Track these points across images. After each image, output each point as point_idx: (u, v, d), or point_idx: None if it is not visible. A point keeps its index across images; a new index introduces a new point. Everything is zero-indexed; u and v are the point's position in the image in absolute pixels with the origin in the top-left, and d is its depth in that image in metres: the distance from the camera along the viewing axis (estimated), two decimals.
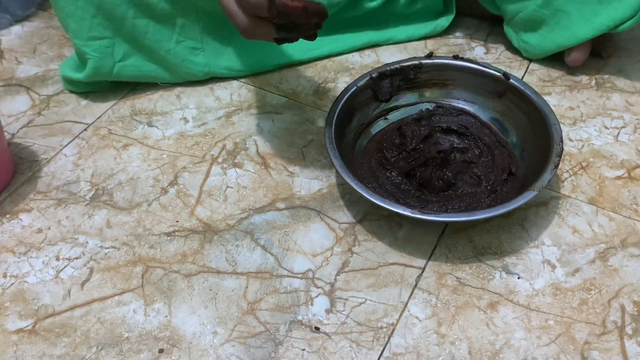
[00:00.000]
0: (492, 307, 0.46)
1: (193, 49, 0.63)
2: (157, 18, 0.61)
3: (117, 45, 0.61)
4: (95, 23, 0.59)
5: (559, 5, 0.61)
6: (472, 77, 0.58)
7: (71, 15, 0.59)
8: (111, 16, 0.59)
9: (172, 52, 0.62)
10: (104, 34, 0.60)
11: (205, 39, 0.64)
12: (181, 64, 0.63)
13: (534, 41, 0.64)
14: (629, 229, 0.50)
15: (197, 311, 0.46)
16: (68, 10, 0.59)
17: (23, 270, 0.49)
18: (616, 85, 0.64)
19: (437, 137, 0.57)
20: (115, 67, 0.61)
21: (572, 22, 0.61)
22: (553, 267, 0.48)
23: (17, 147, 0.60)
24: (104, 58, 0.61)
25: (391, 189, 0.53)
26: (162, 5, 0.59)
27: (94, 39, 0.60)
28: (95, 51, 0.60)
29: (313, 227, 0.52)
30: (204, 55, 0.64)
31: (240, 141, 0.60)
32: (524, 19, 0.64)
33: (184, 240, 0.51)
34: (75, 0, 0.58)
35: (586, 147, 0.58)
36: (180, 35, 0.62)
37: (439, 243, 0.50)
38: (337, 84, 0.66)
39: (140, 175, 0.57)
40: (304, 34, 0.44)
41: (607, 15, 0.58)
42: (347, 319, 0.45)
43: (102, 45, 0.60)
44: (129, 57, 0.62)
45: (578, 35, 0.61)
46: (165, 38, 0.62)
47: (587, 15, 0.59)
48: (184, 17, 0.62)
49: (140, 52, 0.62)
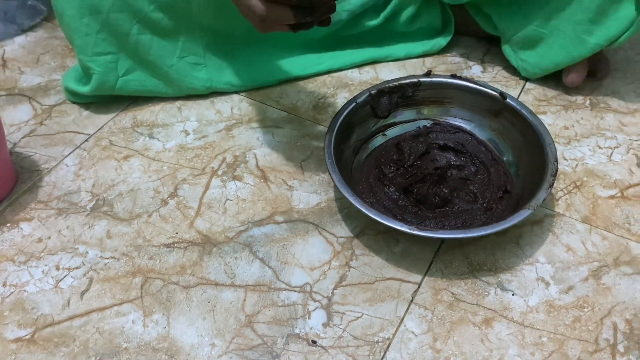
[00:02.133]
0: (487, 323, 0.46)
1: (195, 64, 0.64)
2: (160, 34, 0.62)
3: (121, 61, 0.62)
4: (100, 39, 0.60)
5: (556, 24, 0.62)
6: (469, 96, 0.59)
7: (76, 32, 0.60)
8: (115, 32, 0.60)
9: (174, 67, 0.63)
10: (108, 49, 0.61)
11: (208, 54, 0.65)
12: (183, 79, 0.64)
13: (532, 59, 0.66)
14: (622, 248, 0.51)
15: (195, 323, 0.47)
16: (73, 26, 0.60)
17: (23, 280, 0.50)
18: (610, 105, 0.65)
19: (434, 154, 0.58)
20: (119, 81, 0.62)
21: (568, 41, 0.62)
22: (547, 284, 0.49)
23: (19, 157, 0.60)
24: (108, 73, 0.62)
25: (389, 205, 0.54)
26: (165, 22, 0.61)
27: (98, 54, 0.61)
28: (100, 66, 0.61)
29: (311, 240, 0.52)
30: (206, 70, 0.65)
31: (240, 154, 0.60)
32: (522, 37, 0.65)
33: (183, 251, 0.52)
34: (80, 17, 0.59)
35: (580, 166, 0.59)
36: (183, 51, 0.64)
37: (435, 259, 0.51)
38: (336, 100, 0.67)
39: (140, 186, 0.57)
40: (320, 17, 0.44)
41: (602, 35, 0.60)
42: (343, 332, 0.46)
43: (106, 60, 0.61)
44: (132, 72, 0.63)
45: (574, 54, 0.62)
46: (168, 54, 0.63)
47: (582, 35, 0.61)
48: (187, 34, 0.63)
49: (143, 68, 0.63)
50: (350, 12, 0.66)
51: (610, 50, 0.71)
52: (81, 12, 0.59)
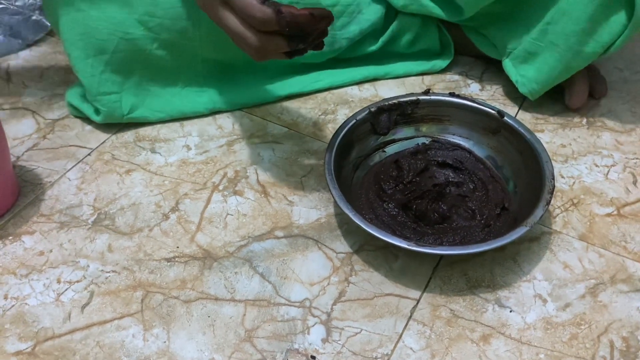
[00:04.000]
0: (485, 339, 0.47)
1: (197, 91, 0.67)
2: (163, 69, 0.64)
3: (124, 99, 0.64)
4: (104, 79, 0.62)
5: (552, 38, 0.62)
6: (467, 114, 0.60)
7: (82, 72, 0.62)
8: (119, 71, 0.62)
9: (177, 96, 0.66)
10: (112, 89, 0.63)
11: (208, 82, 0.67)
12: (187, 104, 0.66)
13: (531, 74, 0.66)
14: (618, 266, 0.52)
15: (195, 337, 0.47)
16: (78, 67, 0.62)
17: (24, 293, 0.50)
18: (606, 124, 0.66)
19: (433, 171, 0.58)
20: (124, 118, 0.64)
21: (564, 54, 0.62)
22: (544, 301, 0.49)
23: (22, 170, 0.61)
24: (113, 111, 0.63)
25: (388, 221, 0.54)
26: (167, 58, 0.63)
27: (102, 94, 0.63)
28: (104, 106, 0.63)
29: (311, 256, 0.53)
30: (208, 95, 0.67)
31: (241, 169, 0.61)
32: (522, 51, 0.65)
33: (183, 266, 0.52)
34: (85, 57, 0.61)
35: (577, 184, 0.59)
36: (185, 83, 0.66)
37: (434, 275, 0.51)
38: (336, 116, 0.67)
39: (142, 200, 0.58)
40: (313, 43, 0.45)
41: (596, 44, 0.60)
42: (342, 348, 0.46)
43: (110, 100, 0.63)
44: (135, 110, 0.65)
45: (571, 65, 0.62)
46: (170, 85, 0.66)
47: (576, 47, 0.61)
48: (189, 67, 0.65)
49: (146, 102, 0.65)
50: (349, 39, 0.68)
51: (606, 71, 0.73)
52: (86, 52, 0.61)
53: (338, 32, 0.67)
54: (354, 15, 0.67)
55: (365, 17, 0.68)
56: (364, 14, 0.68)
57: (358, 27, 0.67)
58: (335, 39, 0.67)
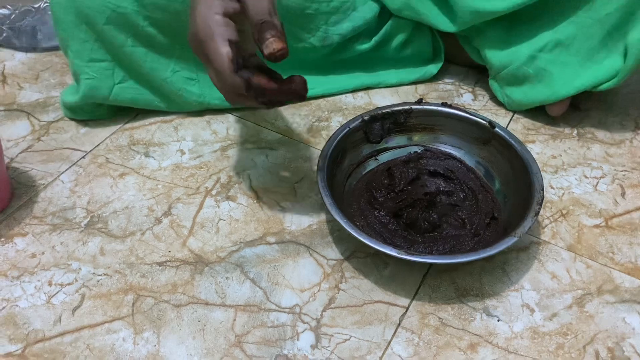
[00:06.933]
0: (472, 348, 0.47)
1: (188, 79, 0.66)
2: (154, 48, 0.63)
3: (117, 69, 0.64)
4: (97, 47, 0.62)
5: (542, 64, 0.64)
6: (459, 124, 0.60)
7: (74, 37, 0.61)
8: (110, 44, 0.62)
9: (168, 80, 0.65)
10: (105, 57, 0.63)
11: (200, 71, 0.66)
12: (177, 92, 0.66)
13: (517, 96, 0.68)
14: (605, 277, 0.53)
15: (185, 341, 0.47)
16: (71, 32, 0.61)
17: (15, 295, 0.50)
18: (596, 136, 0.67)
19: (424, 180, 0.59)
20: (115, 88, 0.64)
21: (554, 81, 0.64)
22: (532, 310, 0.50)
23: (16, 172, 0.61)
24: (104, 79, 0.63)
25: (379, 229, 0.55)
26: (159, 37, 0.62)
27: (94, 60, 0.62)
28: (96, 72, 0.63)
29: (302, 262, 0.53)
30: (199, 86, 0.66)
31: (235, 175, 0.61)
32: (509, 74, 0.67)
33: (175, 270, 0.52)
34: (79, 23, 0.61)
35: (566, 195, 0.60)
36: (177, 65, 0.65)
37: (423, 283, 0.52)
38: (330, 123, 0.68)
39: (135, 204, 0.58)
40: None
41: (588, 78, 0.62)
42: (331, 354, 0.46)
43: (101, 67, 0.63)
44: (127, 81, 0.64)
45: (560, 93, 0.64)
46: (162, 67, 0.65)
47: (568, 77, 0.63)
48: (181, 50, 0.64)
49: (137, 79, 0.65)
50: (341, 35, 0.68)
51: None
52: (79, 19, 0.61)
53: (331, 27, 0.67)
54: (349, 13, 0.68)
55: (360, 14, 0.69)
56: (358, 11, 0.69)
57: (351, 24, 0.68)
58: (327, 35, 0.67)
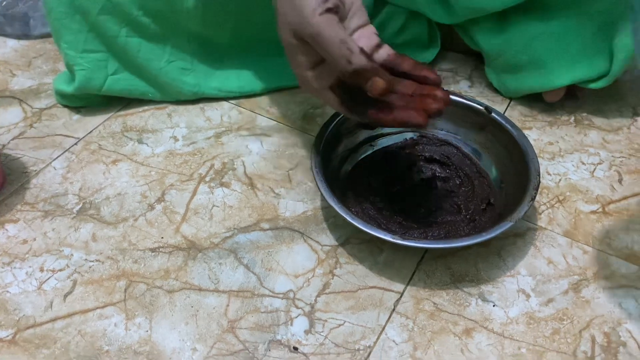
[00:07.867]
0: (467, 333, 0.47)
1: (183, 69, 0.65)
2: (148, 38, 0.62)
3: (111, 60, 0.63)
4: (91, 37, 0.61)
5: (537, 53, 0.63)
6: (455, 110, 0.60)
7: (67, 27, 0.60)
8: (104, 34, 0.61)
9: (162, 71, 0.64)
10: (99, 48, 0.62)
11: (195, 61, 0.66)
12: (171, 83, 0.65)
13: (512, 84, 0.67)
14: (601, 263, 0.52)
15: (177, 327, 0.47)
16: (64, 22, 0.60)
17: (6, 281, 0.50)
18: (594, 123, 0.67)
19: (420, 166, 0.59)
20: (108, 80, 0.63)
21: (548, 70, 0.63)
22: (527, 296, 0.50)
23: (8, 158, 0.60)
24: (97, 70, 0.62)
25: (374, 214, 0.54)
26: (153, 27, 0.61)
27: (88, 51, 0.61)
28: (89, 63, 0.62)
29: (296, 248, 0.53)
30: (194, 75, 0.66)
31: (229, 161, 0.61)
32: (504, 62, 0.66)
33: (168, 256, 0.52)
34: (73, 13, 0.60)
35: (563, 181, 0.60)
36: (171, 56, 0.64)
37: (418, 269, 0.51)
38: (325, 110, 0.67)
39: (128, 190, 0.57)
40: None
41: (581, 71, 0.62)
42: (325, 340, 0.46)
43: (95, 58, 0.62)
44: (121, 72, 0.63)
45: (554, 82, 0.64)
46: (157, 57, 0.64)
47: (563, 67, 0.62)
48: (175, 40, 0.64)
49: (131, 70, 0.64)
50: None
51: None
52: (72, 10, 0.60)
53: None
54: None
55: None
56: None
57: None
58: None
